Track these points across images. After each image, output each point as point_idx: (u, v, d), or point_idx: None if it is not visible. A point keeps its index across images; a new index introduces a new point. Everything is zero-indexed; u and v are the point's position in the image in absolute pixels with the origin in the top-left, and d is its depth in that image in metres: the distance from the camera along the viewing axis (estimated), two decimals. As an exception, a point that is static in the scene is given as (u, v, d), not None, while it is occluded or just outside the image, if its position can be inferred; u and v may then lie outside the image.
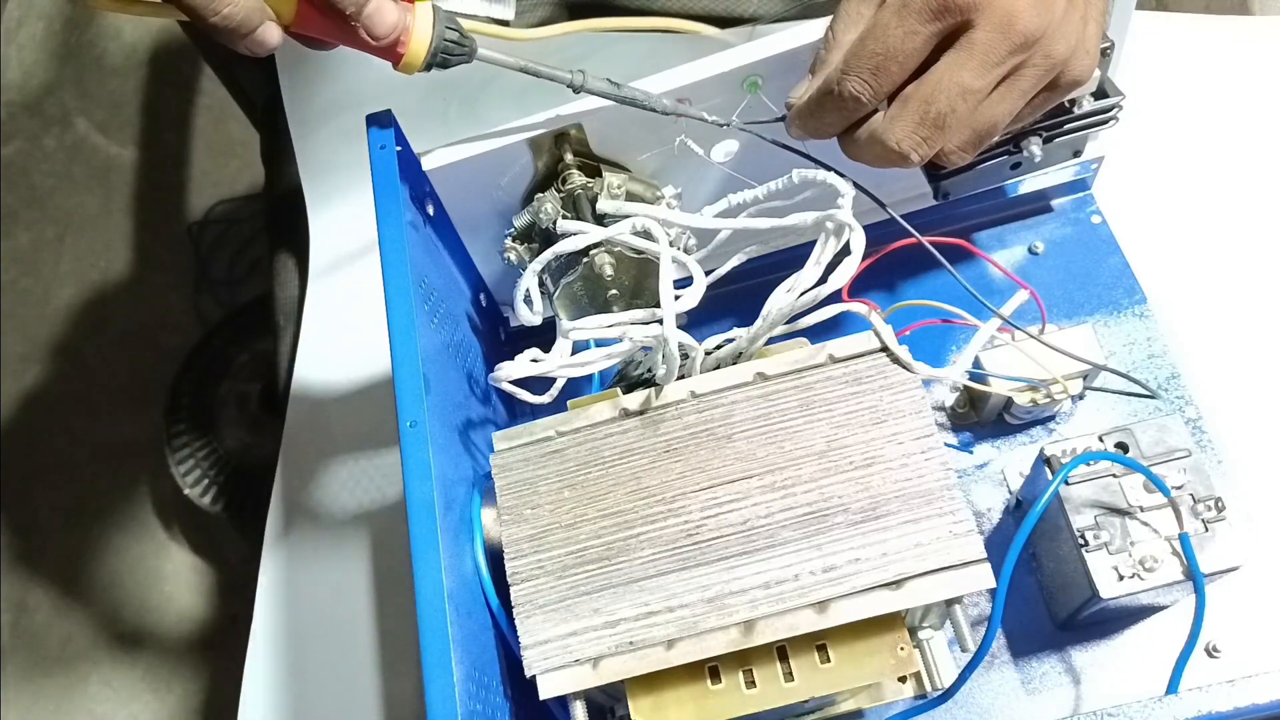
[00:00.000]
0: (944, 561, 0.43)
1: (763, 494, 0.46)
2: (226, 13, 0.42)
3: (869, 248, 0.47)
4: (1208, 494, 0.47)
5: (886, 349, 0.48)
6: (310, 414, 0.72)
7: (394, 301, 0.48)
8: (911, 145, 0.45)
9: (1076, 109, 0.53)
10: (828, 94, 0.45)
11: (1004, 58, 0.43)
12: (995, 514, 0.58)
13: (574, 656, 0.44)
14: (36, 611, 1.38)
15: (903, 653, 0.43)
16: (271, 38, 0.44)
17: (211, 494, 1.31)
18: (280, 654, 0.64)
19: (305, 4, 0.44)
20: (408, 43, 0.45)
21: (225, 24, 0.42)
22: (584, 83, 0.48)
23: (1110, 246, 0.63)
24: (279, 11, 0.44)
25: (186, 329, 1.47)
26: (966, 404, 0.59)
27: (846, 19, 0.46)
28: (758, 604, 0.44)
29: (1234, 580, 0.49)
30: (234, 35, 0.43)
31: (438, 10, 0.46)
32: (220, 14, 0.42)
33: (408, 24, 0.45)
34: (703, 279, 0.49)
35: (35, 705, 1.34)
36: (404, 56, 0.46)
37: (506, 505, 0.48)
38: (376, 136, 0.51)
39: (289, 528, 0.68)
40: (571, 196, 0.54)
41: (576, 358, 0.49)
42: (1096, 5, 0.46)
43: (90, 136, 1.67)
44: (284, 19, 0.44)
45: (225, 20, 0.42)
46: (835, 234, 0.47)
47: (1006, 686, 0.54)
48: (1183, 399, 0.58)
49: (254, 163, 0.89)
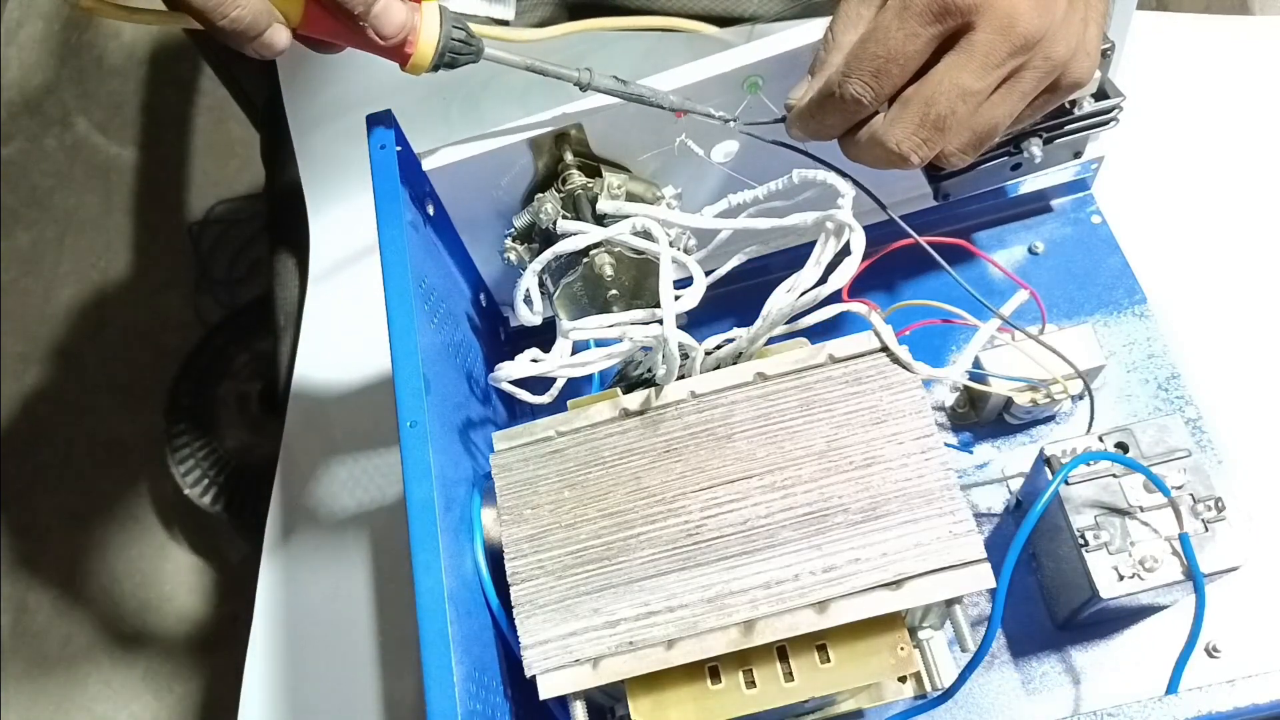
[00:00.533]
0: (944, 561, 0.43)
1: (763, 494, 0.46)
2: (235, 15, 0.42)
3: (869, 248, 0.47)
4: (1208, 494, 0.47)
5: (886, 349, 0.48)
6: (310, 414, 0.72)
7: (394, 301, 0.48)
8: (911, 147, 0.45)
9: (1077, 110, 0.53)
10: (829, 96, 0.45)
11: (1004, 59, 0.43)
12: (995, 514, 0.58)
13: (574, 656, 0.44)
14: (36, 611, 1.38)
15: (903, 653, 0.43)
16: (280, 40, 0.44)
17: (211, 494, 1.31)
18: (280, 654, 0.64)
19: (313, 5, 0.44)
20: (415, 43, 0.45)
21: (234, 27, 0.42)
22: (591, 80, 0.48)
23: (1110, 246, 0.63)
24: (286, 13, 0.44)
25: (186, 329, 1.47)
26: (966, 404, 0.59)
27: (846, 20, 0.46)
28: (758, 604, 0.44)
29: (1234, 580, 0.49)
30: (242, 38, 0.43)
31: (445, 10, 0.46)
32: (229, 17, 0.42)
33: (415, 24, 0.45)
34: (703, 279, 0.49)
35: (35, 705, 1.34)
36: (412, 57, 0.46)
37: (506, 505, 0.48)
38: (377, 136, 0.51)
39: (289, 528, 0.68)
40: (571, 197, 0.54)
41: (576, 358, 0.49)
42: (1097, 7, 0.46)
43: (90, 136, 1.67)
44: (292, 20, 0.44)
45: (233, 24, 0.42)
46: (835, 234, 0.47)
47: (1006, 686, 0.54)
48: (1183, 399, 0.58)
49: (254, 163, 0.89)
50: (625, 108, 0.51)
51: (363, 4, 0.43)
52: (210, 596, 1.37)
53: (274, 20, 0.43)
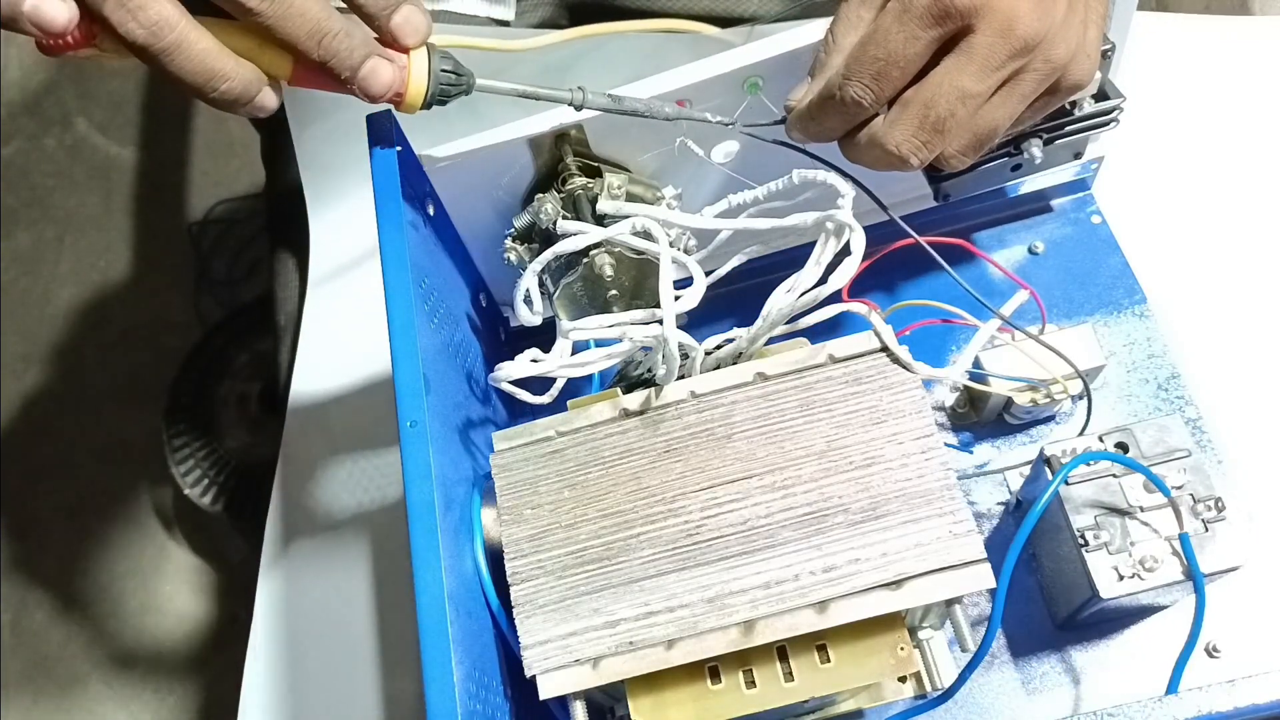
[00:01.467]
0: (944, 561, 0.43)
1: (763, 494, 0.46)
2: (225, 88, 0.42)
3: (869, 248, 0.47)
4: (1208, 494, 0.47)
5: (886, 349, 0.48)
6: (310, 414, 0.72)
7: (394, 301, 0.48)
8: (911, 149, 0.45)
9: (1077, 111, 0.53)
10: (829, 98, 0.46)
11: (1004, 62, 0.43)
12: (995, 514, 0.58)
13: (574, 656, 0.44)
14: (36, 611, 1.38)
15: (903, 653, 0.43)
16: (270, 102, 0.44)
17: (211, 494, 1.31)
18: (280, 654, 0.64)
19: (300, 67, 0.44)
20: (405, 91, 0.45)
21: (225, 98, 0.42)
22: (584, 100, 0.48)
23: (1110, 246, 0.63)
24: (276, 72, 0.44)
25: (186, 329, 1.47)
26: (966, 404, 0.59)
27: (846, 22, 0.46)
28: (758, 604, 0.44)
29: (1234, 580, 0.49)
30: (234, 106, 0.43)
31: (433, 49, 0.46)
32: (219, 91, 0.42)
33: (403, 76, 0.45)
34: (703, 279, 0.49)
35: (35, 705, 1.34)
36: (403, 100, 0.46)
37: (506, 505, 0.48)
38: (377, 136, 0.51)
39: (289, 528, 0.68)
40: (571, 197, 0.54)
41: (576, 358, 0.49)
42: (1097, 9, 0.46)
43: (90, 136, 1.67)
44: (281, 77, 0.44)
45: (224, 95, 0.42)
46: (835, 234, 0.47)
47: (1006, 686, 0.54)
48: (1183, 399, 0.58)
49: (254, 163, 0.89)
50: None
51: (349, 69, 0.43)
52: (210, 596, 1.37)
53: (263, 85, 0.43)
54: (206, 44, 0.41)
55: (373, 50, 0.44)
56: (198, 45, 0.41)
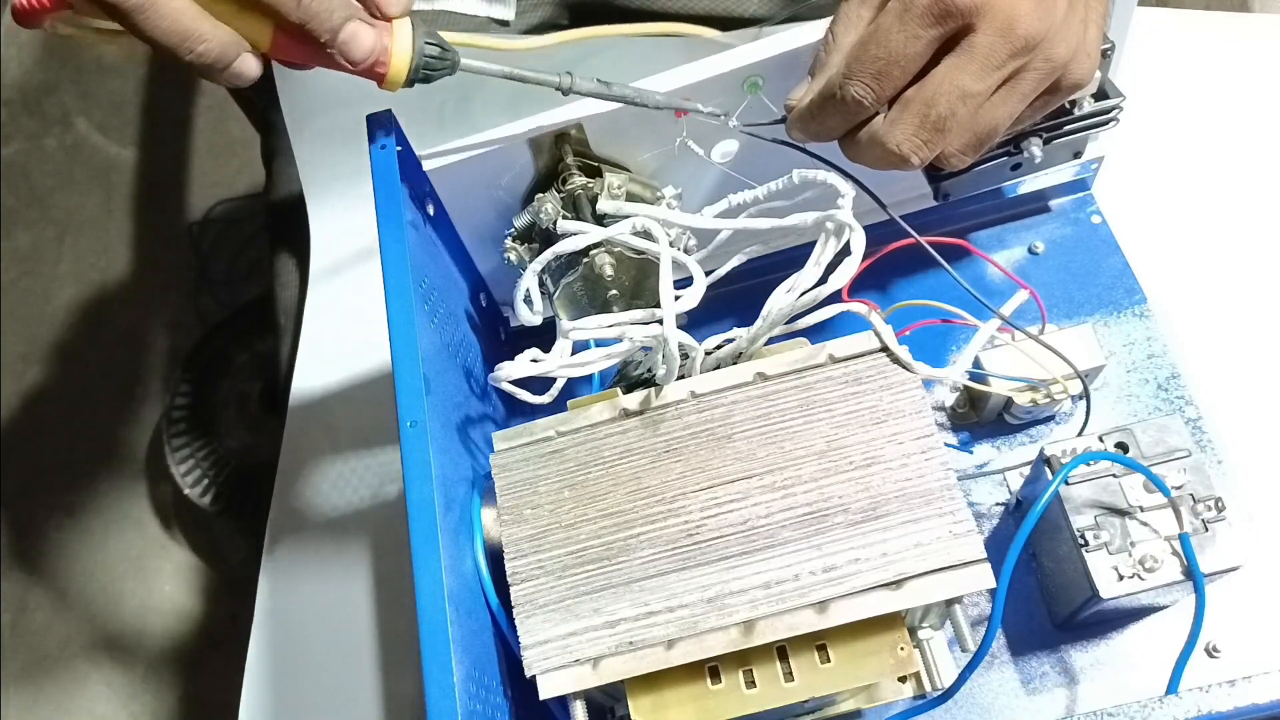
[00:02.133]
0: (944, 561, 0.43)
1: (763, 494, 0.46)
2: (201, 50, 0.41)
3: (869, 248, 0.47)
4: (1208, 494, 0.47)
5: (886, 349, 0.48)
6: (310, 414, 0.72)
7: (394, 301, 0.48)
8: (912, 148, 0.45)
9: (1077, 110, 0.53)
10: (829, 98, 0.46)
11: (1005, 61, 0.43)
12: (995, 514, 0.58)
13: (574, 656, 0.44)
14: (36, 611, 1.38)
15: (903, 653, 0.43)
16: (250, 69, 0.43)
17: (211, 494, 1.31)
18: (280, 654, 0.64)
19: (280, 32, 0.43)
20: (388, 63, 0.45)
21: (201, 61, 0.41)
22: (572, 85, 0.48)
23: (1110, 246, 0.63)
24: (255, 41, 0.43)
25: (186, 329, 1.47)
26: (966, 404, 0.59)
27: (847, 21, 0.46)
28: (758, 604, 0.44)
29: (1234, 580, 0.49)
30: (211, 70, 0.42)
31: (417, 25, 0.45)
32: (195, 52, 0.41)
33: (386, 44, 0.44)
34: (703, 279, 0.49)
35: (35, 705, 1.34)
36: (385, 76, 0.45)
37: (506, 505, 0.48)
38: (377, 136, 0.51)
39: (289, 528, 0.68)
40: (571, 196, 0.54)
41: (576, 358, 0.49)
42: (1097, 8, 0.46)
43: (90, 136, 1.67)
44: (260, 48, 0.43)
45: (200, 58, 0.41)
46: (835, 234, 0.47)
47: (1006, 686, 0.54)
48: (1183, 399, 0.58)
49: (254, 163, 0.89)
50: (625, 108, 0.51)
51: (329, 31, 0.42)
52: (210, 596, 1.37)
53: (242, 50, 0.42)
54: (181, 4, 0.40)
55: (354, 13, 0.43)
56: (172, 4, 0.40)
